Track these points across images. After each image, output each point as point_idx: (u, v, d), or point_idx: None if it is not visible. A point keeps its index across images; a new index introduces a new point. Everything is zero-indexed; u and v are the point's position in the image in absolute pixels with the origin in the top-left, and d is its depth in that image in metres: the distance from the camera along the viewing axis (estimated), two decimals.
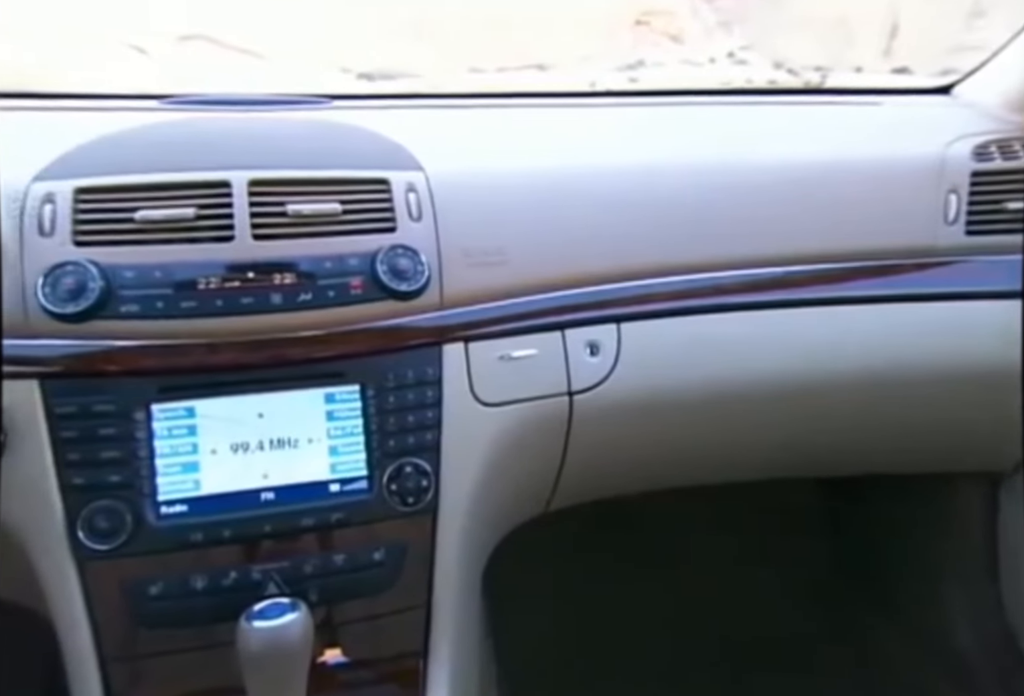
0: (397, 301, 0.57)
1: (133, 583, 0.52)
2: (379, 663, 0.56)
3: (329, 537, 0.55)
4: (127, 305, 0.52)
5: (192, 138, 0.61)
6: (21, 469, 0.50)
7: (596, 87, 1.23)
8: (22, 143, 0.59)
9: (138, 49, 1.24)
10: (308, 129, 0.65)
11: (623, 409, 0.63)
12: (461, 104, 0.80)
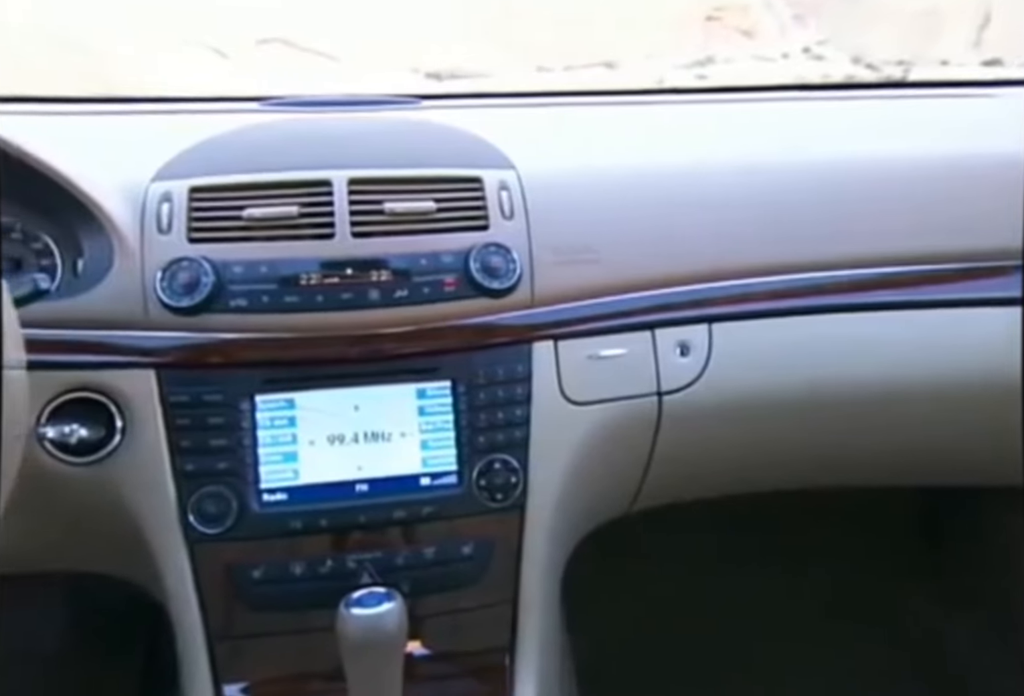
0: (489, 299, 0.57)
1: (238, 566, 0.54)
2: (464, 657, 0.57)
3: (420, 530, 0.56)
4: (236, 299, 0.54)
5: (294, 139, 0.63)
6: (139, 454, 0.53)
7: (663, 84, 1.22)
8: (138, 145, 0.63)
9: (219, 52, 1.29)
10: (402, 128, 0.67)
11: (713, 411, 0.62)
12: (545, 102, 0.80)
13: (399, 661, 0.49)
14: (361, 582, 0.54)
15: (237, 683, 0.55)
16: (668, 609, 0.92)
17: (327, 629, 0.52)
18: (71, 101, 0.73)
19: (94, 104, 0.73)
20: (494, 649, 0.58)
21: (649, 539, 0.84)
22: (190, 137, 0.62)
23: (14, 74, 1.11)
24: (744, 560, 0.96)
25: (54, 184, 0.53)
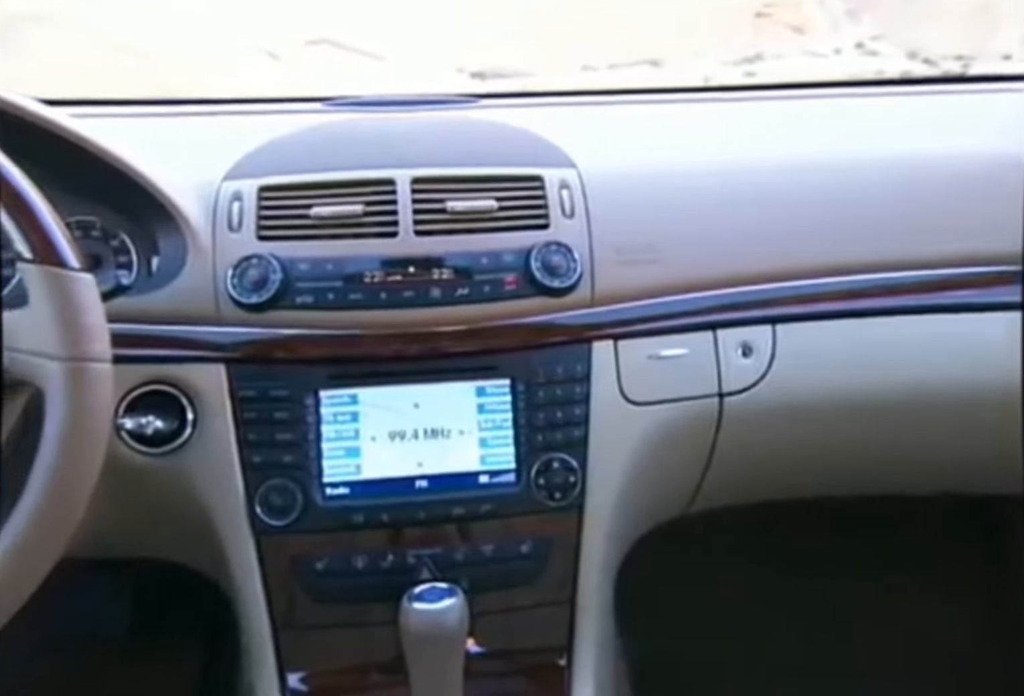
0: (549, 297, 0.57)
1: (302, 558, 0.55)
2: (520, 655, 0.58)
3: (478, 527, 0.57)
4: (302, 296, 0.55)
5: (358, 138, 0.64)
6: (209, 446, 0.55)
7: (710, 82, 1.20)
8: (207, 146, 0.65)
9: (270, 54, 1.32)
10: (463, 127, 0.68)
11: (776, 413, 0.61)
12: (601, 101, 0.80)
13: (460, 656, 0.49)
14: (421, 577, 0.55)
15: (300, 672, 0.56)
16: (721, 612, 0.91)
17: (387, 622, 0.53)
18: (140, 103, 0.76)
19: (162, 106, 0.75)
20: (551, 649, 0.58)
21: (702, 540, 0.83)
22: (257, 137, 0.63)
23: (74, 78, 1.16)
24: (798, 563, 0.94)
25: (134, 183, 0.55)
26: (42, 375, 0.42)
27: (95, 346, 0.43)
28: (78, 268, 0.43)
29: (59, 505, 0.41)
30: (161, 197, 0.56)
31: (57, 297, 0.42)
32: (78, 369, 0.42)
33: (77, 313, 0.42)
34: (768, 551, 0.98)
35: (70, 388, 0.41)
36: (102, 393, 0.43)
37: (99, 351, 0.43)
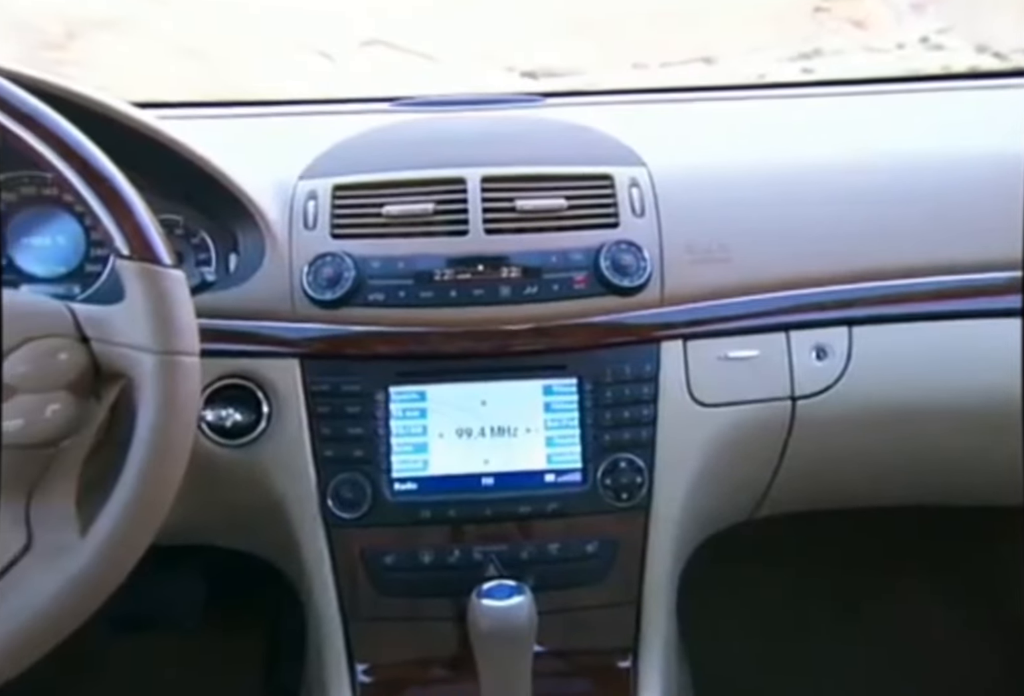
0: (618, 297, 0.57)
1: (371, 552, 0.56)
2: (586, 655, 0.58)
3: (544, 526, 0.57)
4: (374, 294, 0.56)
5: (429, 138, 0.65)
6: (283, 439, 0.56)
7: (765, 79, 1.18)
8: (282, 145, 0.66)
9: (325, 55, 1.34)
10: (532, 126, 0.68)
11: (850, 418, 0.59)
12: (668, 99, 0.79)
13: (529, 654, 0.49)
14: (487, 574, 0.55)
15: (368, 664, 0.57)
16: (783, 619, 0.90)
17: (454, 618, 0.55)
18: (215, 105, 0.78)
19: (236, 108, 0.77)
20: (616, 650, 0.57)
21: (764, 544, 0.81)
22: (328, 137, 0.64)
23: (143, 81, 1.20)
24: (864, 569, 0.92)
25: (216, 183, 0.57)
26: (136, 367, 0.43)
27: (186, 340, 0.44)
28: (171, 265, 0.45)
29: (152, 494, 0.43)
30: (242, 196, 0.57)
31: (152, 293, 0.44)
32: (170, 362, 0.43)
33: (170, 308, 0.44)
34: (825, 554, 0.96)
35: (163, 380, 0.43)
36: (192, 385, 0.44)
37: (189, 345, 0.44)
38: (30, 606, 0.40)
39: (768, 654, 0.88)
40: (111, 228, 0.44)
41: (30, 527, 0.43)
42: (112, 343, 0.44)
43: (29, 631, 0.40)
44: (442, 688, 0.58)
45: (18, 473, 0.43)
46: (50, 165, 0.43)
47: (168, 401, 0.43)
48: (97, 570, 0.41)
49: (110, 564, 0.42)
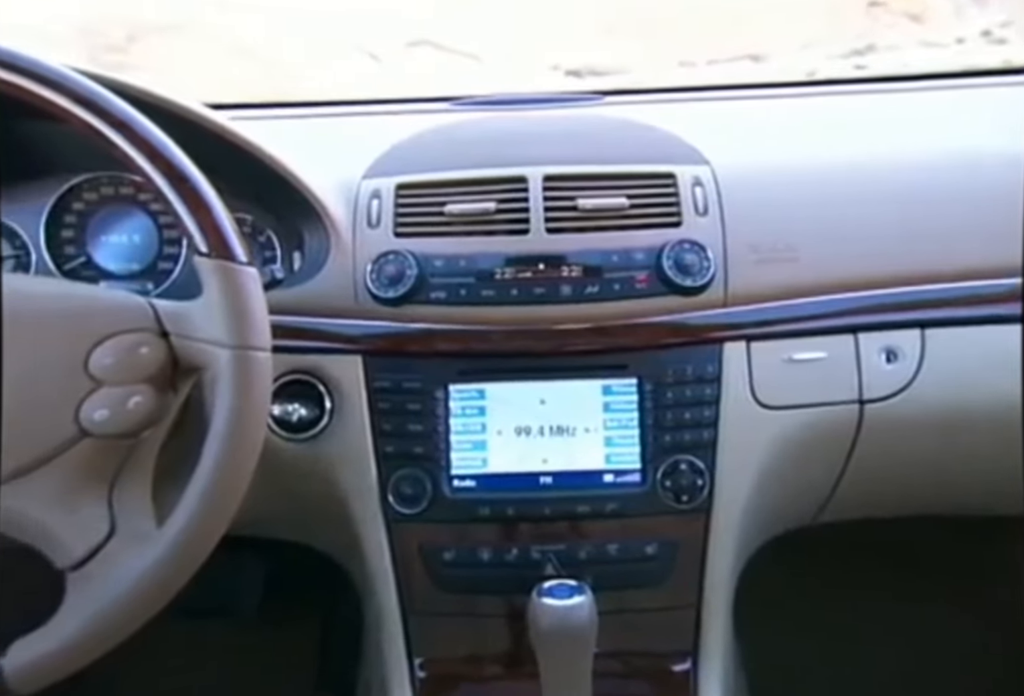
0: (680, 297, 0.57)
1: (430, 548, 0.57)
2: (644, 657, 0.57)
3: (603, 526, 0.57)
4: (436, 292, 0.57)
5: (490, 137, 0.65)
6: (346, 434, 0.57)
7: (815, 76, 1.15)
8: (344, 145, 0.68)
9: (372, 56, 1.36)
10: (593, 125, 0.67)
11: (922, 423, 0.58)
12: (729, 96, 0.78)
13: (590, 654, 0.49)
14: (545, 573, 0.55)
15: (427, 658, 0.57)
16: (838, 622, 0.88)
17: (513, 615, 0.55)
18: (274, 106, 0.79)
19: (298, 108, 0.78)
20: (676, 653, 0.57)
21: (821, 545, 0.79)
22: (389, 136, 0.65)
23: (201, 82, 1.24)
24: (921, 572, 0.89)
25: (286, 183, 0.58)
26: (213, 362, 0.45)
27: (260, 336, 0.45)
28: (246, 262, 0.46)
29: (227, 483, 0.44)
30: (310, 196, 0.58)
31: (229, 290, 0.45)
32: (245, 357, 0.44)
33: (245, 305, 0.45)
34: (882, 556, 0.94)
35: (238, 374, 0.44)
36: (265, 380, 0.45)
37: (263, 341, 0.45)
38: (115, 589, 0.42)
39: (824, 657, 0.87)
40: (191, 227, 0.45)
41: (113, 514, 0.44)
42: (190, 338, 0.45)
43: (115, 613, 0.42)
44: (500, 685, 0.58)
45: (103, 462, 0.45)
46: (138, 167, 0.44)
47: (243, 395, 0.44)
48: (175, 558, 0.43)
49: (187, 552, 0.43)
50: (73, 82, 0.43)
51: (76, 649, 0.41)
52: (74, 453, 0.44)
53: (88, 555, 0.43)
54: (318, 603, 0.89)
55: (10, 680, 0.40)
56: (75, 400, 0.43)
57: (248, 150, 0.57)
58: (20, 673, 0.40)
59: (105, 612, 0.42)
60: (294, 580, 0.89)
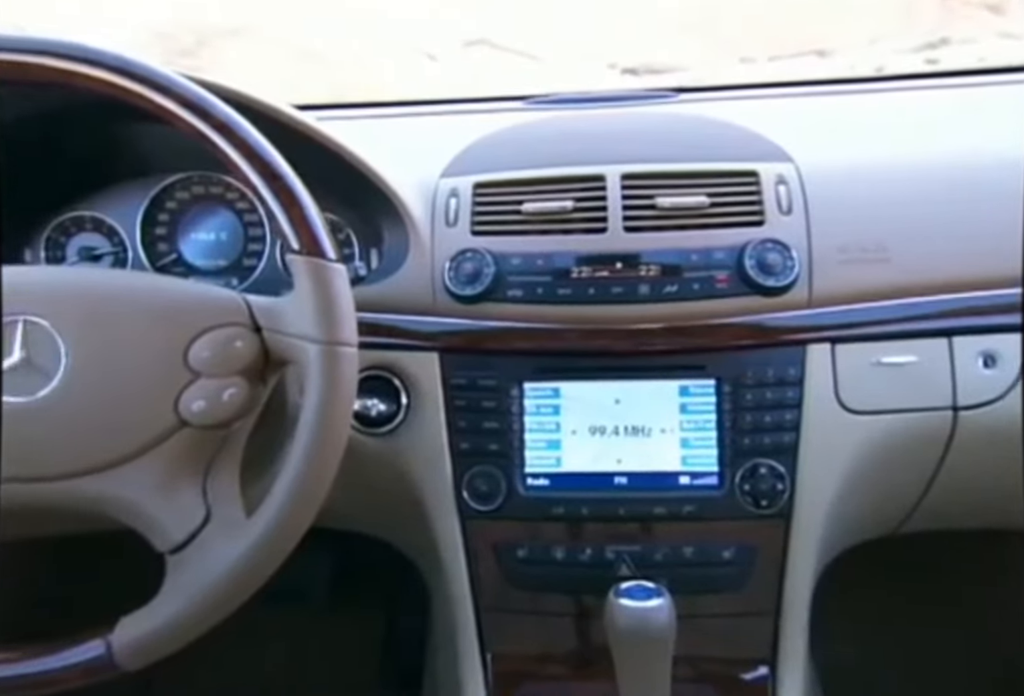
0: (762, 297, 0.55)
1: (504, 545, 0.57)
2: (720, 663, 0.56)
3: (679, 528, 0.56)
4: (513, 290, 0.57)
5: (566, 135, 0.65)
6: (422, 430, 0.58)
7: (883, 71, 1.11)
8: (421, 144, 0.68)
9: (429, 56, 1.37)
10: (671, 122, 0.67)
11: (1019, 431, 0.55)
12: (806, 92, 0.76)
13: (668, 658, 0.49)
14: (619, 573, 0.55)
15: (498, 654, 0.58)
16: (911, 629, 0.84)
17: (585, 614, 0.55)
18: (348, 106, 0.81)
19: (373, 108, 0.79)
20: (753, 660, 0.56)
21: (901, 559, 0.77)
22: (464, 135, 0.66)
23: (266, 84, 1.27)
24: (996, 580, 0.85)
25: (369, 182, 0.59)
26: (302, 356, 0.46)
27: (348, 332, 0.46)
28: (336, 260, 0.47)
29: (315, 477, 0.45)
30: (391, 195, 0.59)
31: (319, 286, 0.46)
32: (333, 352, 0.45)
33: (335, 301, 0.46)
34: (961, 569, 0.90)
35: (327, 369, 0.45)
36: (352, 374, 0.46)
37: (350, 336, 0.46)
38: (212, 574, 0.43)
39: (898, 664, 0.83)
40: (284, 224, 0.46)
41: (207, 502, 0.46)
42: (282, 333, 0.46)
43: (212, 597, 0.43)
44: (571, 684, 0.58)
45: (198, 451, 0.47)
46: (236, 166, 0.46)
47: (332, 389, 0.45)
48: (266, 546, 0.44)
49: (277, 542, 0.45)
50: (181, 86, 0.45)
51: (178, 628, 0.43)
52: (173, 442, 0.45)
53: (186, 540, 0.44)
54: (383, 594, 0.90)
55: (118, 656, 0.42)
56: (175, 391, 0.45)
57: (334, 150, 0.58)
58: (127, 649, 0.42)
59: (203, 595, 0.43)
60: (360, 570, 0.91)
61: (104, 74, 0.43)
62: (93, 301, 0.46)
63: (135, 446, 0.45)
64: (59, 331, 0.44)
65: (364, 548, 0.72)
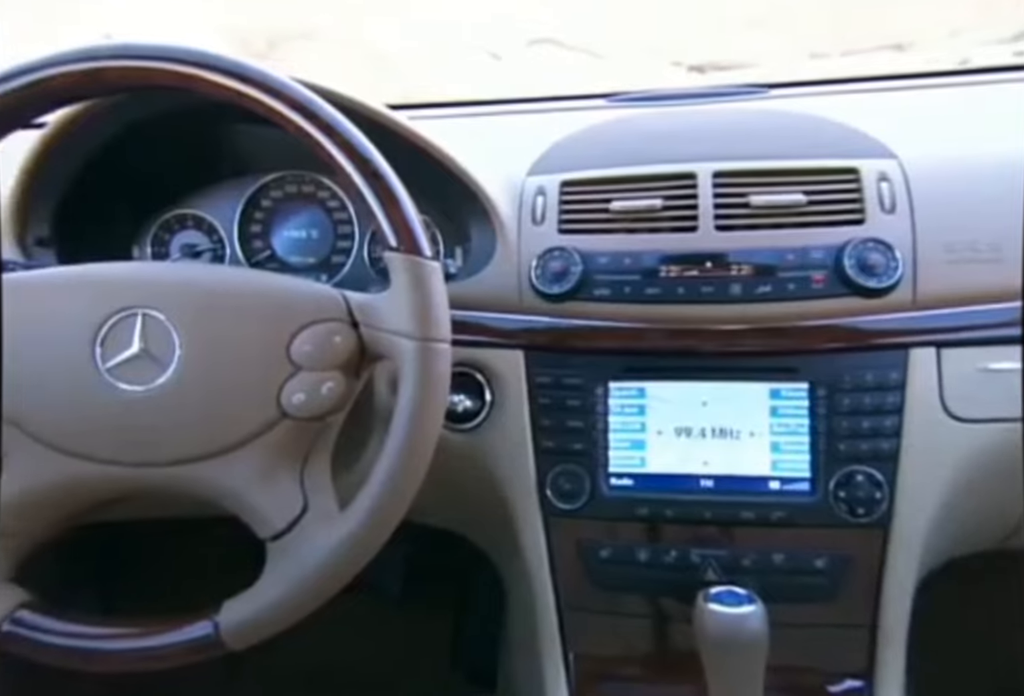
0: (862, 298, 0.53)
1: (587, 544, 0.57)
2: (813, 675, 0.54)
3: (768, 534, 0.55)
4: (600, 289, 0.57)
5: (654, 133, 0.64)
6: (506, 427, 0.58)
7: (967, 65, 1.06)
8: (507, 143, 0.69)
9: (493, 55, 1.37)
10: (764, 119, 0.65)
11: None
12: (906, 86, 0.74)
13: (761, 666, 0.48)
14: (705, 578, 0.54)
15: (579, 654, 0.57)
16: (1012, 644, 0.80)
17: (669, 617, 0.55)
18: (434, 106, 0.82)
19: (456, 108, 0.80)
20: (848, 674, 0.54)
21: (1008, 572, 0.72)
22: (548, 134, 0.66)
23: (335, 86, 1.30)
24: None
25: (459, 180, 0.60)
26: (398, 352, 0.46)
27: (442, 328, 0.47)
28: (431, 257, 0.47)
29: (410, 471, 0.46)
30: (480, 194, 0.60)
31: (416, 283, 0.46)
32: (429, 348, 0.46)
33: (431, 298, 0.46)
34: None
35: (422, 365, 0.45)
36: (446, 371, 0.47)
37: (445, 333, 0.47)
38: (310, 563, 0.45)
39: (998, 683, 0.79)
40: (383, 222, 0.47)
41: (305, 492, 0.47)
42: (378, 329, 0.47)
43: (309, 584, 0.45)
44: (656, 687, 0.57)
45: (296, 444, 0.48)
46: (339, 165, 0.47)
47: (427, 385, 0.46)
48: (361, 538, 0.45)
49: (371, 534, 0.45)
50: (292, 89, 0.46)
51: (279, 612, 0.44)
52: (274, 433, 0.47)
53: (286, 528, 0.46)
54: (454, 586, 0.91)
55: (224, 635, 0.44)
56: (277, 383, 0.46)
57: (425, 149, 0.59)
58: (232, 630, 0.44)
59: (302, 582, 0.45)
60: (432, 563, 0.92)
61: (222, 78, 0.45)
62: (206, 296, 0.47)
63: (239, 436, 0.46)
64: (174, 324, 0.46)
65: (437, 541, 0.73)
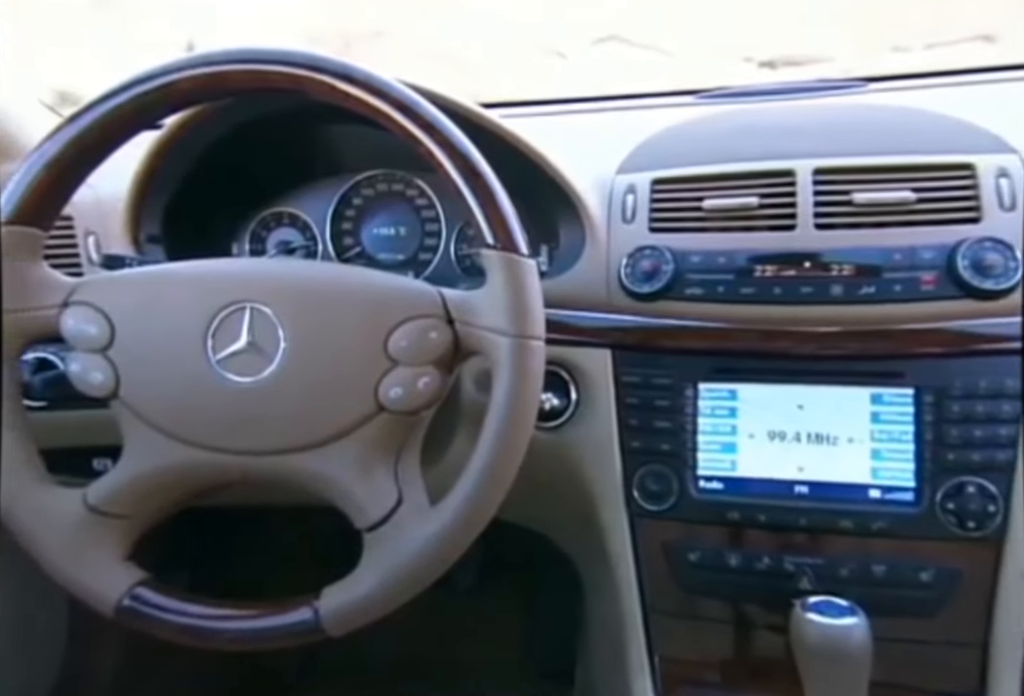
0: (976, 301, 0.51)
1: (674, 547, 0.56)
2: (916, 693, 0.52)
3: (868, 544, 0.53)
4: (692, 288, 0.56)
5: (748, 129, 0.63)
6: (592, 426, 0.58)
7: None
8: (595, 141, 0.68)
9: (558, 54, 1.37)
10: (865, 114, 0.62)
11: None
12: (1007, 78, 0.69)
13: (864, 681, 0.46)
14: (800, 587, 0.52)
15: (665, 658, 0.56)
16: None
17: (760, 625, 0.53)
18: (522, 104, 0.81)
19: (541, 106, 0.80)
20: (957, 694, 0.51)
21: None
22: (637, 131, 0.65)
23: None
24: None
25: (549, 178, 0.60)
26: (492, 348, 0.47)
27: (537, 326, 0.47)
28: (528, 255, 0.47)
29: (503, 466, 0.46)
30: (570, 192, 0.59)
31: (513, 281, 0.46)
32: (524, 345, 0.46)
33: (527, 296, 0.46)
34: None
35: (517, 362, 0.45)
36: (540, 368, 0.47)
37: (539, 330, 0.47)
38: (405, 554, 0.45)
39: None
40: (481, 220, 0.47)
41: (399, 485, 0.48)
42: (473, 325, 0.47)
43: (404, 575, 0.45)
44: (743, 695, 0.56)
45: (391, 437, 0.49)
46: (439, 163, 0.47)
47: (521, 381, 0.46)
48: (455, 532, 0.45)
49: (465, 527, 0.46)
50: (395, 90, 0.47)
51: (376, 601, 0.45)
52: (371, 426, 0.48)
53: (382, 519, 0.47)
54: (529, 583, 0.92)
55: (324, 621, 0.45)
56: (375, 378, 0.47)
57: (521, 148, 0.59)
58: (331, 616, 0.45)
59: (398, 573, 0.45)
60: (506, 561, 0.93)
61: (329, 79, 0.46)
62: (309, 291, 0.49)
63: (339, 428, 0.47)
64: (279, 318, 0.48)
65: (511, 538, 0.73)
